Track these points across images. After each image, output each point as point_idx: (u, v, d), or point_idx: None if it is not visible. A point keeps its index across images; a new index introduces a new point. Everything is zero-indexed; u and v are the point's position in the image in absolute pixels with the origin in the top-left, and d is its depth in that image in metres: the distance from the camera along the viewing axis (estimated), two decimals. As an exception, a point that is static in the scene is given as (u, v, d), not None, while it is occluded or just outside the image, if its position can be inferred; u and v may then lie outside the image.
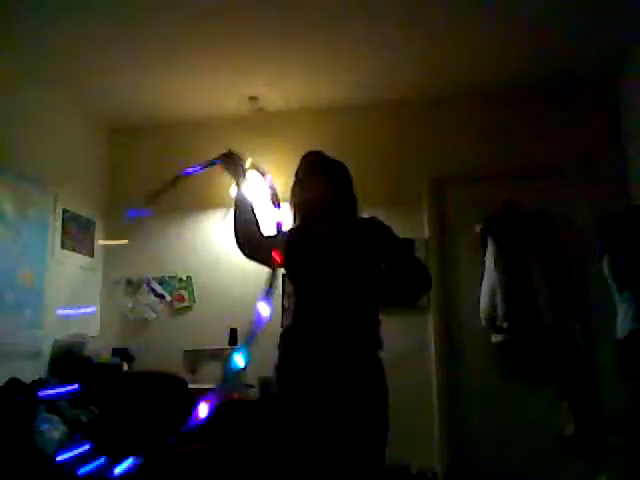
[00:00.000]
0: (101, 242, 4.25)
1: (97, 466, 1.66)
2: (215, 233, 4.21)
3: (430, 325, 3.81)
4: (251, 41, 3.37)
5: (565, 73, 3.73)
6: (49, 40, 3.33)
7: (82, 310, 3.99)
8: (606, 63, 3.61)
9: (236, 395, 3.38)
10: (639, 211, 3.10)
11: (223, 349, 3.73)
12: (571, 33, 3.30)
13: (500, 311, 3.56)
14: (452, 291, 3.85)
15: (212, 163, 2.18)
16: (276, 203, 1.95)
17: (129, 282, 4.27)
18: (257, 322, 1.57)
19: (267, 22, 3.17)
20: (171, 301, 4.20)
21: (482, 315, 3.63)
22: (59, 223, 3.86)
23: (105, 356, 3.78)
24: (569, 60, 3.59)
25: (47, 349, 3.64)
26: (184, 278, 4.20)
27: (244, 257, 2.17)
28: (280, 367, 2.01)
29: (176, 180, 2.25)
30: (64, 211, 3.92)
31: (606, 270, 3.02)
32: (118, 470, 1.59)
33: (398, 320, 3.86)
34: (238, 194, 2.16)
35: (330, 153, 2.20)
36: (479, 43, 3.40)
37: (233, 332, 3.75)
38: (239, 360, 1.53)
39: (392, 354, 3.74)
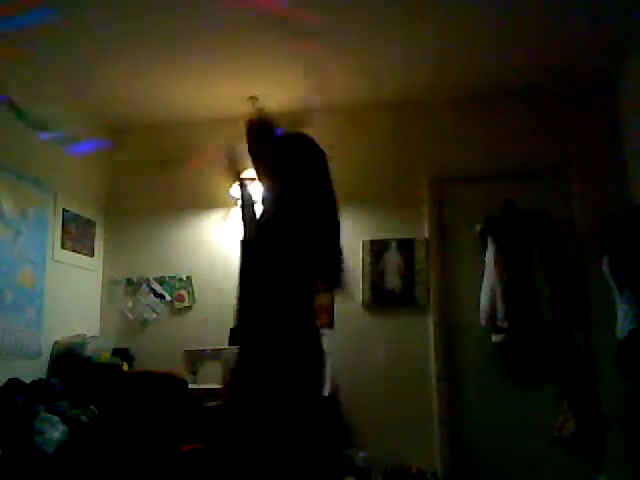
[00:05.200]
0: None
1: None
2: (215, 233, 4.21)
3: (430, 325, 3.81)
4: (251, 41, 3.36)
5: (565, 73, 3.73)
6: (50, 40, 3.33)
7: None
8: (606, 63, 3.62)
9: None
10: (639, 211, 3.10)
11: (223, 349, 3.73)
12: (571, 33, 3.30)
13: (500, 311, 3.56)
14: (452, 291, 3.85)
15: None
16: None
17: (129, 282, 4.27)
18: None
19: (268, 22, 3.17)
20: (171, 301, 4.20)
21: (482, 315, 3.63)
22: (59, 223, 3.86)
23: (105, 356, 3.78)
24: (569, 60, 3.59)
25: (47, 349, 3.65)
26: (184, 278, 4.20)
27: None
28: None
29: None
30: (64, 211, 3.92)
31: (606, 270, 3.02)
32: None
33: (398, 320, 3.88)
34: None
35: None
36: (479, 44, 3.40)
37: (233, 332, 3.75)
38: None
39: (392, 354, 3.79)
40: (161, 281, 4.23)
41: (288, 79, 3.83)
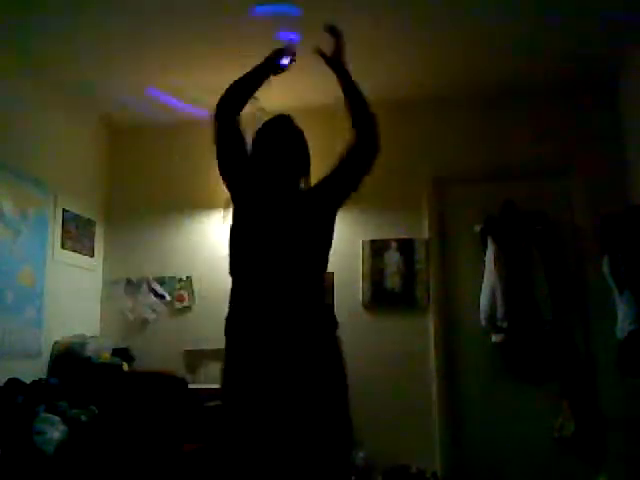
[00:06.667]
0: None
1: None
2: (215, 233, 4.20)
3: (430, 325, 3.81)
4: (252, 41, 3.36)
5: (565, 73, 3.73)
6: (50, 40, 3.33)
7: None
8: (606, 63, 3.62)
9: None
10: (639, 211, 3.10)
11: (223, 349, 3.72)
12: (571, 33, 3.30)
13: (500, 311, 3.56)
14: (452, 291, 3.85)
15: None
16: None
17: (129, 282, 4.27)
18: None
19: (268, 22, 3.17)
20: (171, 301, 4.20)
21: (482, 315, 3.63)
22: (59, 223, 3.86)
23: (105, 356, 3.78)
24: (569, 60, 3.59)
25: (47, 349, 3.65)
26: (184, 278, 4.20)
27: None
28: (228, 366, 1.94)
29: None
30: (64, 211, 3.92)
31: (606, 270, 3.02)
32: None
33: (398, 320, 3.88)
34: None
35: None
36: (479, 43, 3.40)
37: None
38: None
39: (392, 354, 3.79)
40: (161, 281, 4.22)
41: (288, 79, 3.82)
